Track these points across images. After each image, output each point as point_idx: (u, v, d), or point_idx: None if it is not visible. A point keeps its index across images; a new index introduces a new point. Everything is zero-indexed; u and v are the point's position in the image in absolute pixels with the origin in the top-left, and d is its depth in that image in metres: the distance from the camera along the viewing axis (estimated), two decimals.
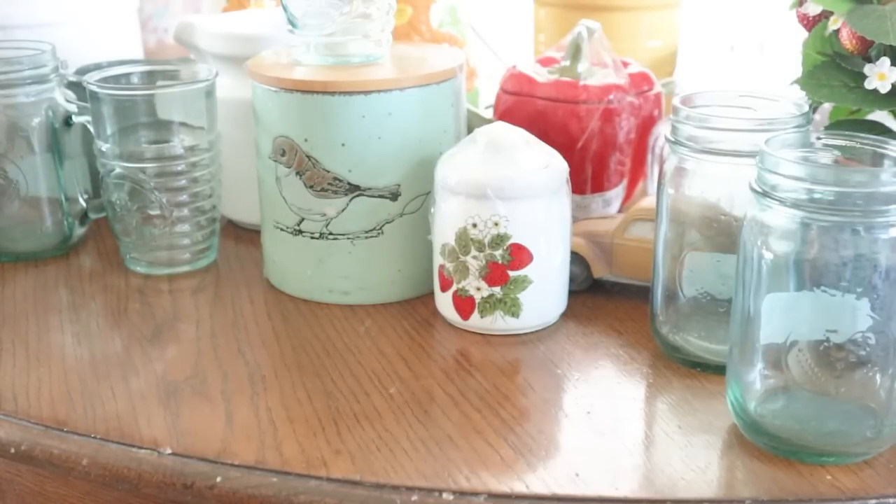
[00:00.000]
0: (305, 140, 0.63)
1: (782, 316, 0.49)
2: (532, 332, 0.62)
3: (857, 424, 0.49)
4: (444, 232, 0.61)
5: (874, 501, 0.46)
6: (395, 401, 0.55)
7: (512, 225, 0.59)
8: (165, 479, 0.49)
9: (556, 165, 0.61)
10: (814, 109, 0.59)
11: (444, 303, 0.63)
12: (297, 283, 0.68)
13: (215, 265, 0.74)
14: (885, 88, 0.54)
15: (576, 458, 0.50)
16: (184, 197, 0.70)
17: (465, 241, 0.60)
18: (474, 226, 0.59)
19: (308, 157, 0.63)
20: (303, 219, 0.65)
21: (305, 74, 0.64)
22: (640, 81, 0.73)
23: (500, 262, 0.60)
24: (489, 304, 0.61)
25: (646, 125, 0.73)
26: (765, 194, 0.47)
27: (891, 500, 0.46)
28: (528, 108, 0.72)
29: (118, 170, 0.69)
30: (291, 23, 0.66)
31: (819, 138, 0.51)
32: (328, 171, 0.63)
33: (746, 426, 0.51)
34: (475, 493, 0.46)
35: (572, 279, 0.65)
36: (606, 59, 0.73)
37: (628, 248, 0.66)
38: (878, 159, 0.49)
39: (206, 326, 0.64)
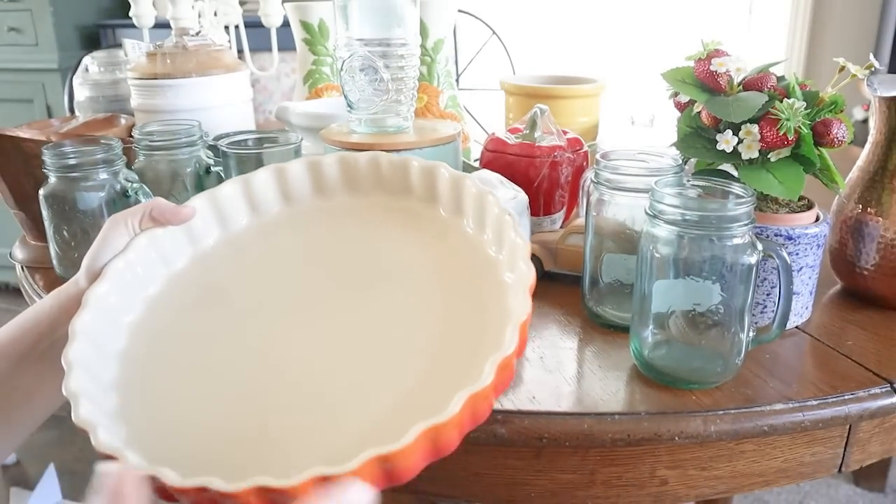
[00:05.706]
0: None
1: (665, 294, 0.49)
2: None
3: (712, 364, 0.49)
4: None
5: (721, 412, 0.46)
6: None
7: None
8: None
9: (520, 197, 0.62)
10: (685, 162, 0.59)
11: None
12: None
13: None
14: (729, 149, 0.55)
15: (533, 386, 0.50)
16: None
17: None
18: None
19: None
20: None
21: (358, 139, 0.64)
22: (575, 143, 0.73)
23: None
24: None
25: (578, 172, 0.73)
26: (654, 216, 0.48)
27: (732, 411, 0.47)
28: (502, 161, 0.71)
29: None
30: (349, 105, 0.66)
31: (689, 181, 0.52)
32: None
33: (642, 365, 0.51)
34: None
35: None
36: (553, 129, 0.73)
37: (567, 251, 0.66)
38: (725, 194, 0.49)
39: None
